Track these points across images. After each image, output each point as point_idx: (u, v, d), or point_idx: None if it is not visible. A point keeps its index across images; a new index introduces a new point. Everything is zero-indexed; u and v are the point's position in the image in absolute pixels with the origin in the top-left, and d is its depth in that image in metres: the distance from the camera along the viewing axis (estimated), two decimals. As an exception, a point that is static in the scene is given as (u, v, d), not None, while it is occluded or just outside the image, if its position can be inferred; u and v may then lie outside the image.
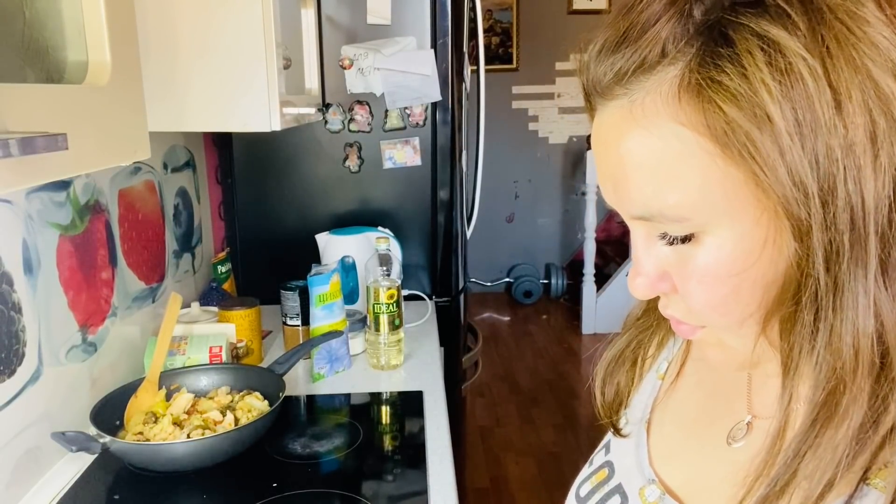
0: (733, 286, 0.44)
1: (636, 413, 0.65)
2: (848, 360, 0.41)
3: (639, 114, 0.43)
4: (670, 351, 0.66)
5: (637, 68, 0.43)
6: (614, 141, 0.45)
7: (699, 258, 0.45)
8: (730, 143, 0.40)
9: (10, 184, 0.56)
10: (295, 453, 1.17)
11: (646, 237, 0.48)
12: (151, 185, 1.59)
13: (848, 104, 0.38)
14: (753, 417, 0.55)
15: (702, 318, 0.48)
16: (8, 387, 1.01)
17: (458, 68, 1.89)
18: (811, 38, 0.38)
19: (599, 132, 0.47)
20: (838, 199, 0.39)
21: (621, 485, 0.61)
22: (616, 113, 0.45)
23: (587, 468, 0.67)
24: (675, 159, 0.43)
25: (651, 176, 0.44)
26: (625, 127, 0.44)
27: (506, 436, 3.17)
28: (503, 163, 4.82)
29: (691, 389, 0.63)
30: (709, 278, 0.45)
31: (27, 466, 1.06)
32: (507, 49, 4.79)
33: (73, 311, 1.19)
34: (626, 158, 0.45)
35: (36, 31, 0.68)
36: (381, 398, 1.40)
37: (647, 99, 0.43)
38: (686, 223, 0.44)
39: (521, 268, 5.05)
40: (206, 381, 1.29)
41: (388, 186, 1.90)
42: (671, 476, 0.58)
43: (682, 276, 0.47)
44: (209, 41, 1.11)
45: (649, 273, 0.48)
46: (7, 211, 1.03)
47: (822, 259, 0.40)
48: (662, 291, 0.49)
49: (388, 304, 1.47)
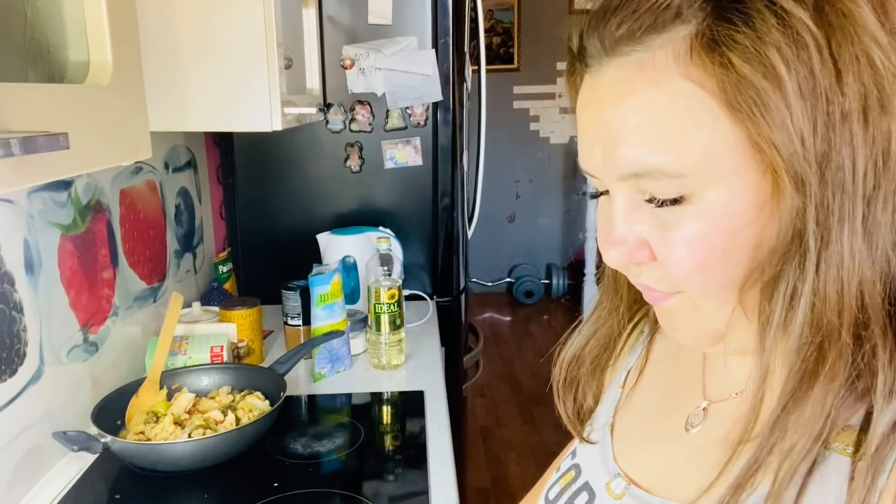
0: (722, 248, 0.45)
1: (600, 420, 0.67)
2: (834, 316, 0.42)
3: (648, 70, 0.44)
4: (630, 360, 0.68)
5: (650, 26, 0.44)
6: (615, 98, 0.46)
7: (689, 220, 0.45)
8: (740, 99, 0.41)
9: (11, 183, 0.56)
10: (296, 453, 1.17)
11: (628, 202, 0.48)
12: (153, 184, 1.59)
13: (846, 75, 0.40)
14: (709, 402, 0.57)
15: (681, 283, 0.48)
16: (9, 386, 1.01)
17: (460, 68, 1.89)
18: (815, 11, 0.40)
19: (595, 92, 0.48)
20: (832, 162, 0.41)
21: (588, 482, 0.62)
22: (621, 70, 0.45)
23: (556, 474, 0.68)
24: (681, 115, 0.43)
25: (654, 131, 0.44)
26: (630, 83, 0.45)
27: (507, 436, 3.17)
28: (504, 163, 4.82)
29: (651, 389, 0.65)
30: (698, 240, 0.45)
31: (28, 466, 1.06)
32: (508, 49, 4.79)
33: (75, 311, 1.19)
34: (628, 115, 0.45)
35: (37, 30, 0.68)
36: (382, 398, 1.40)
37: (658, 55, 0.44)
38: (682, 181, 0.44)
39: (522, 268, 5.05)
40: (207, 381, 1.29)
41: (390, 186, 1.90)
42: (635, 468, 0.59)
43: (667, 240, 0.47)
44: (210, 41, 1.11)
45: (626, 240, 0.48)
46: (8, 210, 1.03)
47: (814, 217, 0.42)
48: (638, 261, 0.49)
49: (389, 304, 1.47)
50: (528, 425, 3.25)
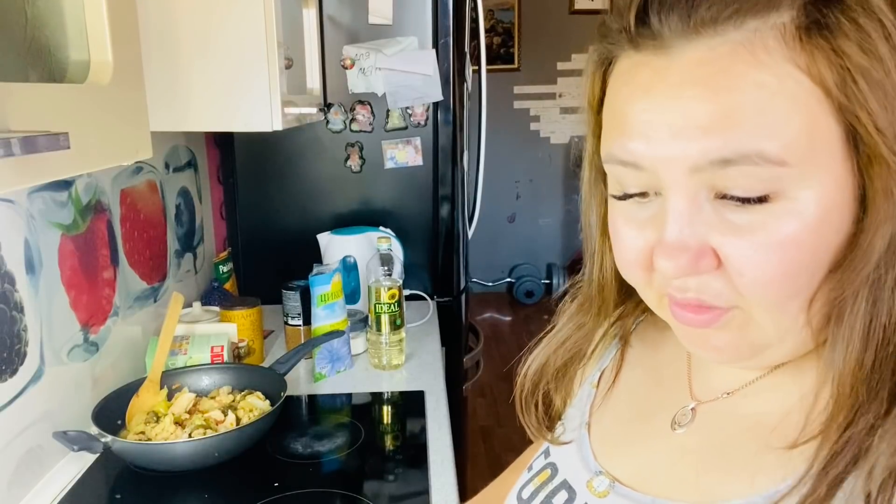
0: (812, 253, 0.41)
1: (574, 421, 0.65)
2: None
3: (749, 52, 0.40)
4: (604, 361, 0.66)
5: (753, 6, 0.40)
6: (708, 77, 0.41)
7: (776, 221, 0.41)
8: (847, 89, 0.39)
9: (11, 183, 0.56)
10: (296, 453, 1.17)
11: (692, 201, 0.43)
12: (153, 184, 1.59)
13: None
14: (697, 403, 0.56)
15: (752, 295, 0.43)
16: (10, 386, 1.01)
17: (460, 68, 1.89)
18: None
19: (665, 73, 0.43)
20: None
21: (566, 480, 0.60)
22: (711, 51, 0.41)
23: (527, 473, 0.65)
24: (787, 100, 0.40)
25: (756, 114, 0.40)
26: (729, 63, 0.41)
27: (507, 436, 3.17)
28: (504, 163, 4.82)
29: (630, 390, 0.63)
30: (788, 244, 0.41)
31: (29, 466, 1.06)
32: (508, 49, 4.78)
33: (75, 311, 1.19)
34: (726, 95, 0.41)
35: (38, 30, 0.68)
36: (383, 398, 1.40)
37: (760, 38, 0.40)
38: (780, 171, 0.40)
39: (523, 268, 5.04)
40: (207, 381, 1.29)
41: (390, 186, 1.90)
42: (618, 467, 0.58)
43: (746, 244, 0.42)
44: (211, 41, 1.11)
45: (690, 246, 0.42)
46: (9, 210, 1.03)
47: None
48: (702, 270, 0.43)
49: (389, 304, 1.47)
50: (528, 425, 3.25)
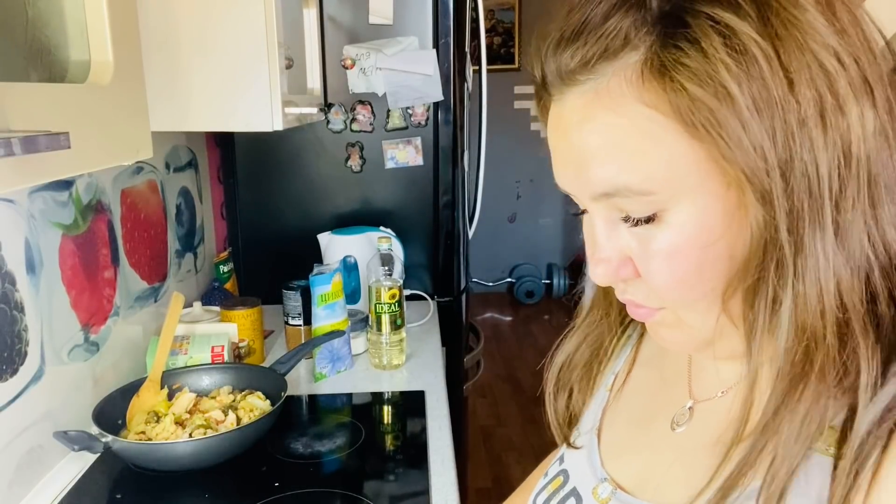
0: (698, 261, 0.46)
1: (587, 425, 0.67)
2: (817, 318, 0.43)
3: (604, 96, 0.45)
4: (618, 364, 0.68)
5: (601, 55, 0.45)
6: (578, 124, 0.47)
7: (663, 236, 0.46)
8: (694, 120, 0.42)
9: (12, 183, 0.56)
10: (297, 453, 1.17)
11: (606, 221, 0.49)
12: (154, 184, 1.59)
13: (799, 82, 0.41)
14: (695, 402, 0.57)
15: (663, 299, 0.50)
16: (10, 386, 1.01)
17: (460, 68, 1.89)
18: (761, 23, 0.41)
19: (560, 118, 0.49)
20: (796, 169, 0.42)
21: (575, 488, 0.63)
22: (579, 98, 0.47)
23: (543, 479, 0.69)
24: (641, 137, 0.44)
25: (617, 153, 0.45)
26: (590, 110, 0.46)
27: (508, 436, 3.17)
28: (505, 163, 4.82)
29: (637, 392, 0.65)
30: (674, 255, 0.46)
31: (29, 465, 1.06)
32: (509, 49, 4.79)
33: (76, 311, 1.20)
34: (591, 139, 0.46)
35: (38, 30, 0.68)
36: (383, 398, 1.40)
37: (612, 82, 0.45)
38: (651, 198, 0.45)
39: (523, 268, 5.04)
40: (208, 381, 1.29)
41: (390, 186, 1.90)
42: (622, 472, 0.60)
43: (645, 256, 0.48)
44: (211, 41, 1.11)
45: (611, 259, 0.50)
46: (10, 210, 1.03)
47: (785, 225, 0.42)
48: (623, 277, 0.50)
49: (389, 304, 1.47)
50: (528, 425, 3.25)
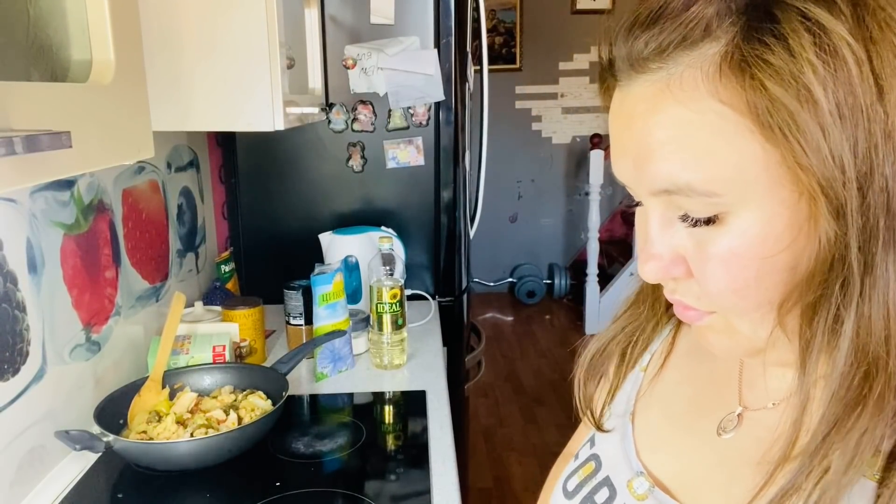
0: (756, 270, 0.44)
1: (619, 407, 0.65)
2: (880, 343, 0.40)
3: (675, 88, 0.43)
4: (654, 345, 0.66)
5: (679, 43, 0.42)
6: (644, 113, 0.44)
7: (723, 240, 0.44)
8: (771, 121, 0.40)
9: (14, 182, 0.56)
10: (298, 452, 1.17)
11: (662, 217, 0.47)
12: (155, 184, 1.59)
13: (890, 91, 0.38)
14: (744, 409, 0.55)
15: (716, 303, 0.47)
16: (12, 385, 1.01)
17: (462, 68, 1.89)
18: (855, 24, 0.38)
19: (624, 105, 0.46)
20: (875, 184, 0.39)
21: (609, 477, 0.60)
22: (649, 87, 0.44)
23: (573, 462, 0.66)
24: (710, 134, 0.42)
25: (683, 149, 0.43)
26: (658, 100, 0.44)
27: (509, 436, 3.17)
28: (506, 163, 4.82)
29: (679, 382, 0.62)
30: (732, 261, 0.44)
31: (31, 465, 1.06)
32: (510, 49, 4.78)
33: (77, 310, 1.20)
34: (656, 132, 0.44)
35: (40, 29, 0.68)
36: (384, 398, 1.40)
37: (686, 74, 0.42)
38: (714, 199, 0.43)
39: (525, 268, 5.04)
40: (209, 381, 1.29)
41: (392, 186, 1.90)
42: (660, 467, 0.58)
43: (701, 259, 0.45)
44: (213, 41, 1.11)
45: (663, 256, 0.47)
46: (11, 210, 1.03)
47: (856, 241, 0.40)
48: (674, 276, 0.48)
49: (391, 304, 1.47)
50: (529, 425, 3.25)
